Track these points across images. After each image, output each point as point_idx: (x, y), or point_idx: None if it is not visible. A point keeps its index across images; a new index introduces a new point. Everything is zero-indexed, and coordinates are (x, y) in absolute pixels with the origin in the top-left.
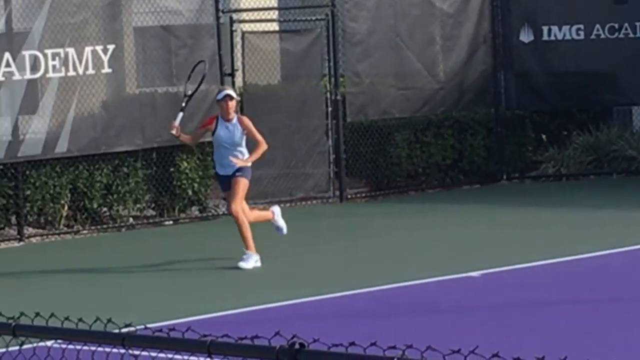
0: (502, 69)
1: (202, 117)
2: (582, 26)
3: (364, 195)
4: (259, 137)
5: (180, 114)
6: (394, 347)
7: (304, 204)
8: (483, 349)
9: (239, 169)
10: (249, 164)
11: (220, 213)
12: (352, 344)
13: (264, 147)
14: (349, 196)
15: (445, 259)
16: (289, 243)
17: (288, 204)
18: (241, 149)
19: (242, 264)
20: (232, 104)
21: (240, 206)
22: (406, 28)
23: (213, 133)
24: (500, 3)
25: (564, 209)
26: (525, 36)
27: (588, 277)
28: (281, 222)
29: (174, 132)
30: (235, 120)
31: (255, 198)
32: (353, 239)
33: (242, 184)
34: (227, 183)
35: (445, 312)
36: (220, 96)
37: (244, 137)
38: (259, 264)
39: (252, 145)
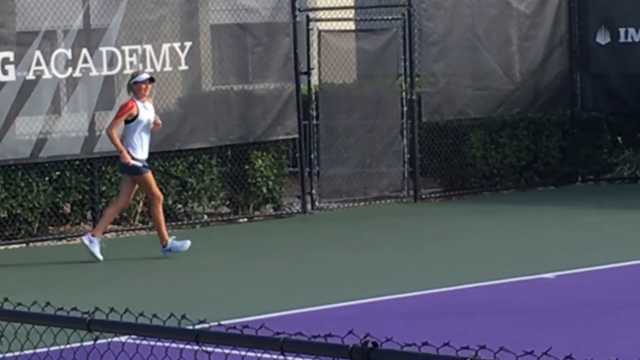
0: (579, 70)
1: (275, 115)
2: None
3: (438, 195)
4: None
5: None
6: (467, 348)
7: (378, 203)
8: (556, 350)
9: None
10: None
11: (295, 211)
12: (425, 343)
13: None
14: (423, 196)
15: (518, 260)
16: (364, 242)
17: (362, 203)
18: None
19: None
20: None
21: None
22: (483, 28)
23: (134, 118)
24: (577, 4)
25: (639, 211)
26: (602, 38)
27: None
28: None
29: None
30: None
31: (330, 196)
32: (427, 239)
33: None
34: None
35: (518, 313)
36: (143, 78)
37: None
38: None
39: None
